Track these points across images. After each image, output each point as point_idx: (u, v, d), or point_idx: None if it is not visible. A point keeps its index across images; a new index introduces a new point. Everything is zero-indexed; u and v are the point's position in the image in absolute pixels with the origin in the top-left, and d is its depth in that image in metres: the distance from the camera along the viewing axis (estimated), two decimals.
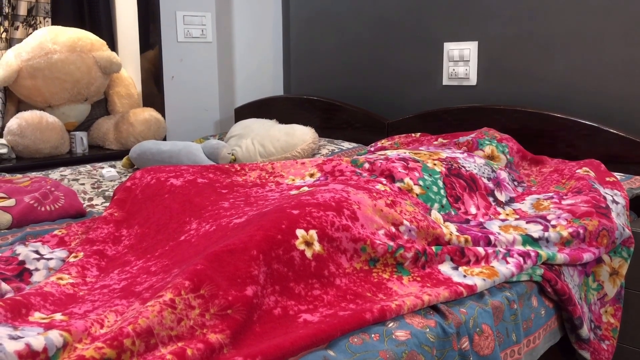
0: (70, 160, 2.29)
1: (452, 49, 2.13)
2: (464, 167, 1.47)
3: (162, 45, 2.49)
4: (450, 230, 1.22)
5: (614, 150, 1.71)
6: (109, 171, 1.99)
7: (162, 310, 0.80)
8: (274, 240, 0.96)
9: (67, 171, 2.02)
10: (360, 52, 2.44)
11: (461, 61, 2.11)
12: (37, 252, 1.16)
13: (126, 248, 1.20)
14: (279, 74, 2.81)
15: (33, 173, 1.93)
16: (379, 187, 1.26)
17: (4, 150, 2.17)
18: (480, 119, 1.97)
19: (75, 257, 1.14)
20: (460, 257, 1.14)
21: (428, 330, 0.92)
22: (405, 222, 1.16)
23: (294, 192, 1.30)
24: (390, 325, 0.91)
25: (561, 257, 1.21)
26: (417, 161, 1.44)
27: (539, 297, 1.18)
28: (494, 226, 1.31)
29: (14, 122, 2.20)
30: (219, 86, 2.71)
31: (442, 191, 1.36)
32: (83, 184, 1.85)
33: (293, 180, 1.43)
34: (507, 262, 1.14)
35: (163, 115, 2.52)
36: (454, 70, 2.13)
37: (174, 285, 0.85)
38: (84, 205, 1.60)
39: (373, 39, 2.39)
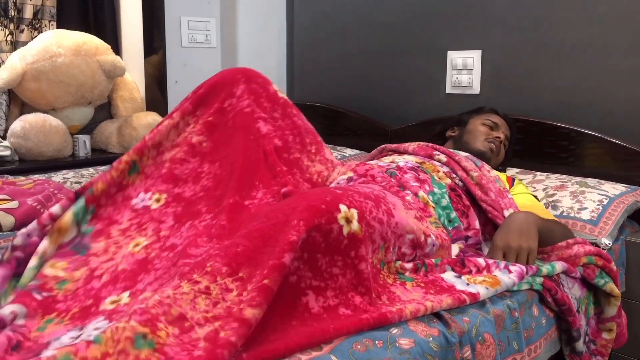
0: (73, 163, 2.29)
1: (455, 57, 2.13)
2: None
3: (166, 50, 2.49)
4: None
5: (618, 161, 1.71)
6: None
7: (195, 298, 0.82)
8: (317, 209, 0.94)
9: (69, 174, 2.02)
10: (364, 59, 2.45)
11: (465, 70, 2.11)
12: None
13: (203, 190, 1.19)
14: (282, 80, 2.82)
15: (36, 175, 1.93)
16: (409, 198, 1.29)
17: (7, 153, 2.17)
18: None
19: (158, 200, 1.15)
20: (461, 268, 1.15)
21: (431, 339, 0.92)
22: (432, 235, 1.17)
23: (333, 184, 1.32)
24: (394, 332, 0.91)
25: (559, 266, 1.22)
26: (425, 172, 1.42)
27: (540, 306, 1.18)
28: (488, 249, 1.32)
29: (17, 125, 2.20)
30: None
31: (450, 204, 1.36)
32: None
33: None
34: (510, 272, 1.14)
35: None
36: (457, 78, 2.14)
37: (211, 272, 0.86)
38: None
39: (377, 46, 2.40)
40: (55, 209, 1.08)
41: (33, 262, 1.00)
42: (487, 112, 1.76)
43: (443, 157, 1.51)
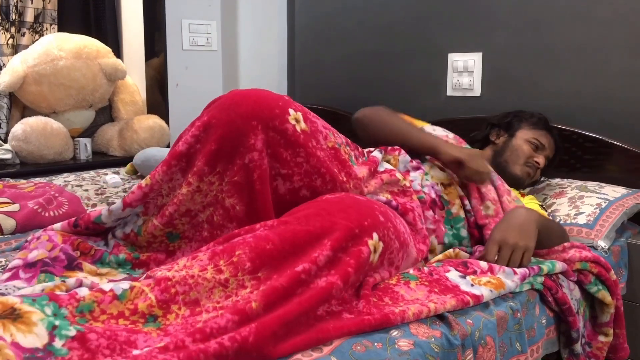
0: (74, 166, 2.29)
1: (456, 59, 2.13)
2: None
3: (167, 53, 2.49)
4: None
5: (619, 162, 1.71)
6: (113, 177, 1.99)
7: (213, 288, 0.88)
8: (351, 233, 0.98)
9: (70, 177, 2.02)
10: (365, 62, 2.45)
11: (465, 72, 2.11)
12: None
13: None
14: (283, 83, 2.82)
15: (37, 179, 1.93)
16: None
17: (9, 156, 2.17)
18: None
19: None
20: (464, 269, 1.14)
21: (433, 340, 0.91)
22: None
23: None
24: (395, 334, 0.91)
25: (559, 265, 1.22)
26: (443, 207, 1.38)
27: (542, 306, 1.18)
28: None
29: (18, 128, 2.20)
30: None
31: (465, 241, 1.37)
32: (87, 190, 1.85)
33: None
34: (515, 273, 1.14)
35: (167, 122, 2.53)
36: (458, 80, 2.14)
37: (236, 263, 0.90)
38: (88, 212, 1.60)
39: (377, 49, 2.40)
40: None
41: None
42: (538, 128, 1.65)
43: None
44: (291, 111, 1.17)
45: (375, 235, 1.00)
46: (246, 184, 1.13)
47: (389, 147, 1.46)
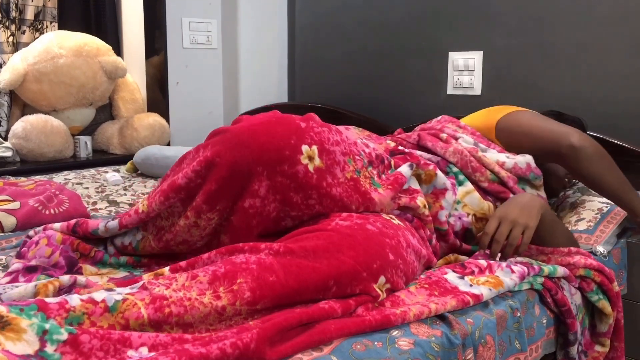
0: (75, 164, 2.30)
1: (457, 58, 2.13)
2: None
3: (168, 51, 2.49)
4: None
5: (620, 162, 1.70)
6: (113, 175, 2.00)
7: (209, 314, 0.86)
8: (358, 276, 0.97)
9: (71, 175, 2.03)
10: (365, 60, 2.45)
11: (466, 71, 2.11)
12: None
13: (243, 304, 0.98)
14: (283, 81, 2.82)
15: (37, 176, 1.93)
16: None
17: (9, 154, 2.17)
18: None
19: None
20: (462, 269, 1.15)
21: (433, 339, 0.91)
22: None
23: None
24: (395, 333, 0.91)
25: (561, 270, 1.21)
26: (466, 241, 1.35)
27: (542, 306, 1.18)
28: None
29: (19, 126, 2.20)
30: (223, 93, 2.71)
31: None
32: (87, 188, 1.85)
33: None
34: (513, 272, 1.14)
35: (167, 120, 2.53)
36: (458, 79, 2.14)
37: (236, 291, 0.88)
38: (88, 209, 1.60)
39: (378, 47, 2.40)
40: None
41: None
42: None
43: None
44: (304, 148, 1.09)
45: (381, 279, 1.00)
46: (243, 229, 1.10)
47: (423, 161, 1.34)
